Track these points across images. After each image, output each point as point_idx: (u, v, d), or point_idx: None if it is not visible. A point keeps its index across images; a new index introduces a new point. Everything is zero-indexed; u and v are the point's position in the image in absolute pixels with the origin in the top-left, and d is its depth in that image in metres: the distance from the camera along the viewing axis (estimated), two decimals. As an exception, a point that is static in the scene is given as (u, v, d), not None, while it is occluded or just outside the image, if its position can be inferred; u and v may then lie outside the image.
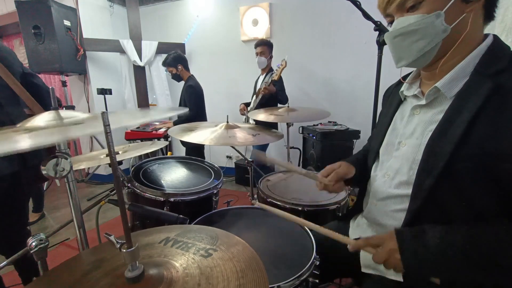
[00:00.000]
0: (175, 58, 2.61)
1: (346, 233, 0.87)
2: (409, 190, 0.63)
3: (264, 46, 2.52)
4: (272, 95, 2.40)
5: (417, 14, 0.56)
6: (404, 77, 0.76)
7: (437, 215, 0.59)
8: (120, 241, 0.46)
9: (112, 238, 0.47)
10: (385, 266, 0.59)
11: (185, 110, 0.84)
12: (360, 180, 0.85)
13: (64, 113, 0.68)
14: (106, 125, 0.37)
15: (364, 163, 0.85)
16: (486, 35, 0.59)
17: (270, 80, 2.38)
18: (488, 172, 0.52)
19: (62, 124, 0.60)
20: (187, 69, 2.69)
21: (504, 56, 0.56)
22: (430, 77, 0.65)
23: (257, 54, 2.55)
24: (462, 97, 0.57)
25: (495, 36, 0.59)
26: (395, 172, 0.68)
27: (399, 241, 0.57)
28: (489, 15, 0.59)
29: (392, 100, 0.79)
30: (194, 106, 2.56)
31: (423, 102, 0.64)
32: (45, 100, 1.32)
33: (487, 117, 0.52)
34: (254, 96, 2.59)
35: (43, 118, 0.66)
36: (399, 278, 0.65)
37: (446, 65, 0.61)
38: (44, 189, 2.76)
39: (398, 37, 0.60)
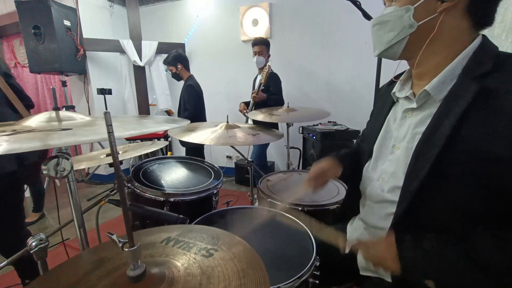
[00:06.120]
0: (175, 57, 2.62)
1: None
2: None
3: (262, 46, 2.51)
4: (264, 101, 2.39)
5: (394, 5, 0.60)
6: (397, 77, 0.75)
7: (422, 219, 0.58)
8: (122, 240, 0.46)
9: (114, 237, 0.47)
10: (374, 266, 0.60)
11: (185, 121, 0.84)
12: (348, 176, 0.85)
13: (62, 114, 0.68)
14: (109, 125, 0.37)
15: (354, 159, 0.85)
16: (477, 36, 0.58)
17: (259, 85, 2.37)
18: (476, 174, 0.51)
19: (50, 128, 0.59)
20: (187, 68, 2.69)
21: (489, 57, 0.55)
22: (419, 77, 0.65)
23: (254, 53, 2.54)
24: (449, 100, 0.57)
25: (483, 37, 0.58)
26: (389, 176, 0.67)
27: (399, 250, 0.57)
28: (478, 21, 0.56)
29: (384, 101, 0.78)
30: (192, 105, 2.56)
31: (414, 105, 0.64)
32: (22, 100, 1.37)
33: (474, 120, 0.52)
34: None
35: (38, 119, 0.65)
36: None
37: (430, 65, 0.61)
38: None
39: (376, 25, 0.65)
